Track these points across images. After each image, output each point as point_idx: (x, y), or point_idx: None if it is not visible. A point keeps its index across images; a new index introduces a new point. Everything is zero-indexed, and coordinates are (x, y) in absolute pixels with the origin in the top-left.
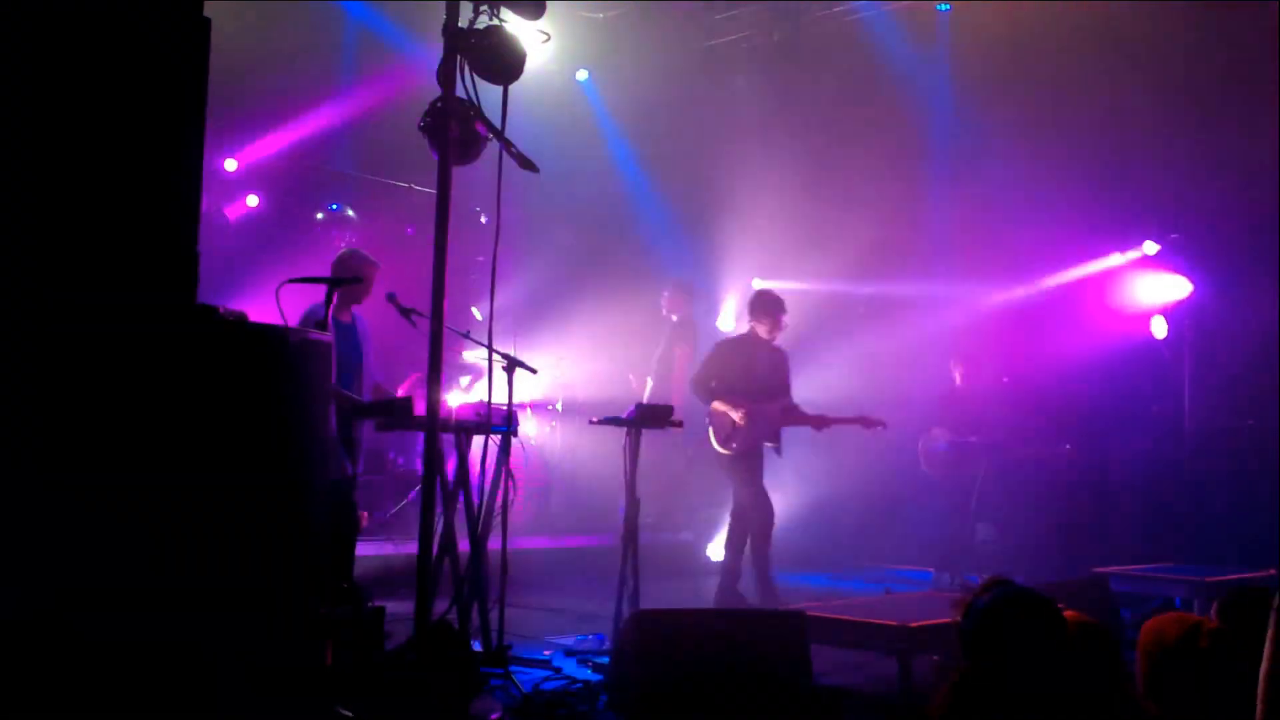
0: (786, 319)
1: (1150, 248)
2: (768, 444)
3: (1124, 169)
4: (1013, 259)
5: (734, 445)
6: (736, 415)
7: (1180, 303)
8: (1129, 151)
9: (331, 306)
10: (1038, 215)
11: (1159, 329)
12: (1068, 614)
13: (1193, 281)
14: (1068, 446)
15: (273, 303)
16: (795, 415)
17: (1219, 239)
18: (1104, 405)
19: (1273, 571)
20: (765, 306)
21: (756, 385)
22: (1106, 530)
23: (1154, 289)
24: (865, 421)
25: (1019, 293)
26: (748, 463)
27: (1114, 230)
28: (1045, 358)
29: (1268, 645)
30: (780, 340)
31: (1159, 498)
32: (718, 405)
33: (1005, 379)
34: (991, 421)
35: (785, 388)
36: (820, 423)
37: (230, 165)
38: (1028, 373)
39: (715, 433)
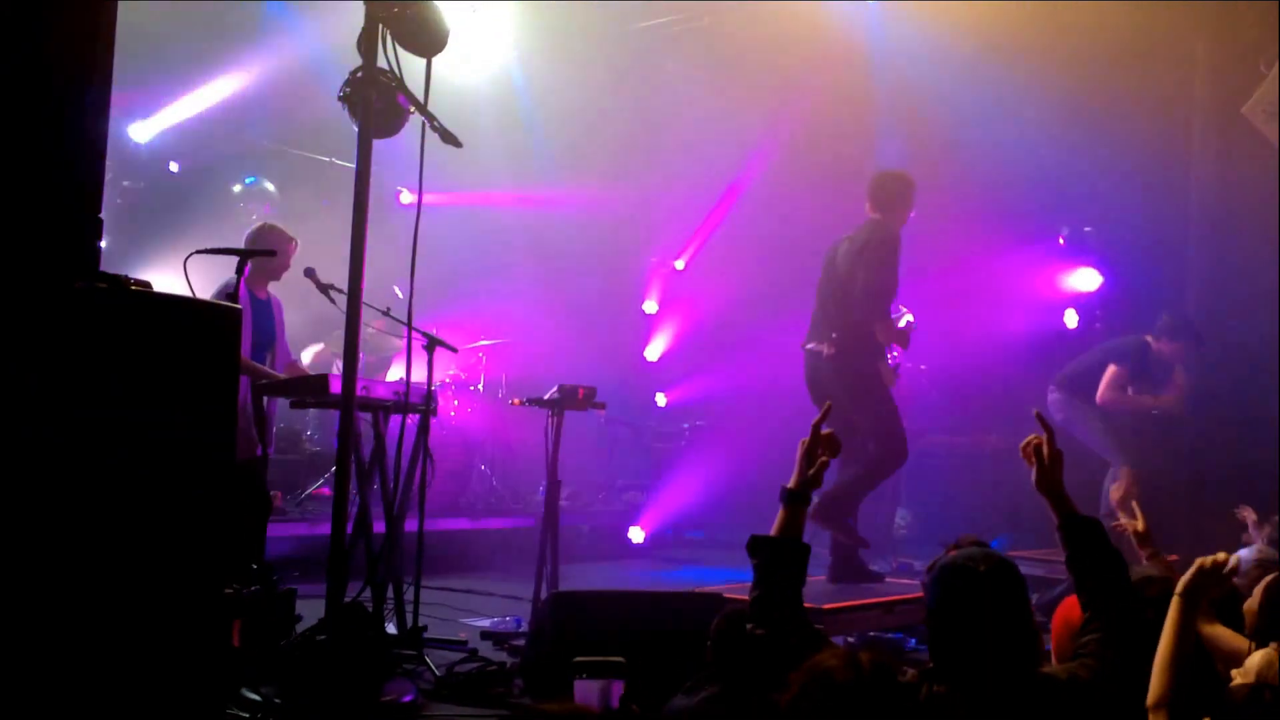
0: None
1: (1063, 240)
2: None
3: (1037, 163)
4: (929, 250)
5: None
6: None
7: (1091, 294)
8: (1042, 145)
9: (243, 279)
10: (953, 206)
11: (1071, 320)
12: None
13: (1103, 274)
14: (993, 436)
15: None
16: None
17: (1129, 232)
18: (1021, 395)
19: (1175, 557)
20: (903, 190)
21: None
22: (1016, 516)
23: (1066, 281)
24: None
25: (936, 283)
26: None
27: (1028, 223)
28: (963, 348)
29: (1168, 629)
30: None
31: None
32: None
33: (923, 367)
34: (913, 409)
35: None
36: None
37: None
38: (947, 363)
39: (886, 362)
